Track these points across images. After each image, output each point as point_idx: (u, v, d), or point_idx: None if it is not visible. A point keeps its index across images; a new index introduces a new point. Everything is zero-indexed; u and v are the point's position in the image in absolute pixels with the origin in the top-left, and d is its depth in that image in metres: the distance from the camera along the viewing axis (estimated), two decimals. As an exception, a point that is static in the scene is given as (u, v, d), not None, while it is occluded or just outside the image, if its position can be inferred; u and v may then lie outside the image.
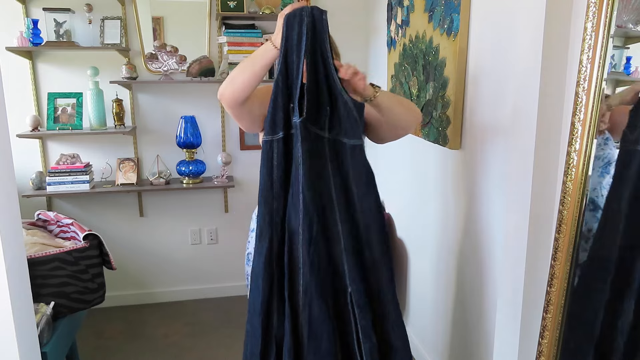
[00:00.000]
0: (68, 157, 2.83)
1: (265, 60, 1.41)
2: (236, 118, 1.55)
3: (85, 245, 2.10)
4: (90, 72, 2.74)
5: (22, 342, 1.49)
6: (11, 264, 1.45)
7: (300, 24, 1.36)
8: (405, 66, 2.40)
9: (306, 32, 1.35)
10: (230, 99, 1.46)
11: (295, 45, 1.37)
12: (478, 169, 1.86)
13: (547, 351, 1.34)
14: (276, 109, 1.42)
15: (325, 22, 1.38)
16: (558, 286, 1.28)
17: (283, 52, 1.39)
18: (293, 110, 1.40)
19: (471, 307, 1.96)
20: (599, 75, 1.13)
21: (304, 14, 1.36)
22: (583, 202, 1.21)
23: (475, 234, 1.90)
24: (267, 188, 1.45)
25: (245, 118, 1.54)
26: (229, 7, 2.81)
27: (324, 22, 1.38)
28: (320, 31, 1.38)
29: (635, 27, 1.19)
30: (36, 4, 2.73)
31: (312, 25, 1.37)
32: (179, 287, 3.22)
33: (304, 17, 1.35)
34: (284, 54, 1.39)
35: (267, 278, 1.45)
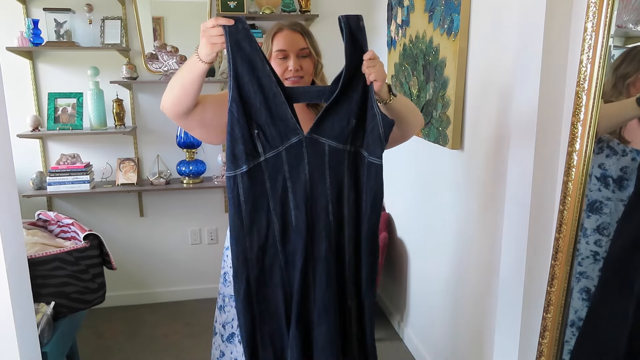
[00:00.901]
0: (68, 157, 2.83)
1: (194, 74, 1.32)
2: (186, 129, 1.47)
3: (85, 245, 2.10)
4: (90, 72, 2.74)
5: (22, 342, 1.49)
6: (11, 264, 1.45)
7: (250, 41, 1.29)
8: (405, 66, 2.40)
9: (346, 45, 1.33)
10: (171, 111, 1.37)
11: (250, 69, 1.28)
12: (478, 169, 1.86)
13: (547, 351, 1.34)
14: (234, 142, 1.28)
15: (364, 29, 1.34)
16: (558, 286, 1.28)
17: (233, 75, 1.27)
18: (259, 135, 1.30)
19: (471, 307, 1.96)
20: (599, 75, 1.13)
21: (245, 28, 1.28)
22: (583, 202, 1.22)
23: (475, 234, 1.90)
24: (237, 226, 1.34)
25: (195, 128, 1.44)
26: (229, 7, 2.81)
27: (363, 31, 1.33)
28: (361, 42, 1.33)
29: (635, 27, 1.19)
30: (36, 4, 2.73)
31: (351, 38, 1.32)
32: (179, 287, 3.22)
33: (246, 31, 1.29)
34: (235, 77, 1.28)
35: (249, 317, 1.40)
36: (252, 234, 1.36)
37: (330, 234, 1.38)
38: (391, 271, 2.88)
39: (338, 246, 1.40)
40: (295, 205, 1.35)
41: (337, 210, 1.38)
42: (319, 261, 1.37)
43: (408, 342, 2.65)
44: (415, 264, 2.55)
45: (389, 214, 2.88)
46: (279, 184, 1.34)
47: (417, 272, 2.53)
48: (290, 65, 1.46)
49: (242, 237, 1.36)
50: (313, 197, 1.36)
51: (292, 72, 1.46)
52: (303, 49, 1.49)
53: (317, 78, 1.54)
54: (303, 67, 1.48)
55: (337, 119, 1.34)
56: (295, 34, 1.49)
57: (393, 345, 2.68)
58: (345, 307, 1.43)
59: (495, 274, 1.75)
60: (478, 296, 1.90)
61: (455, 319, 2.11)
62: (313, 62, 1.51)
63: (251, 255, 1.37)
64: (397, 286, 2.80)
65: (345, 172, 1.37)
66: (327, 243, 1.37)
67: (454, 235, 2.08)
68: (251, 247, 1.37)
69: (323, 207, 1.37)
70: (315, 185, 1.35)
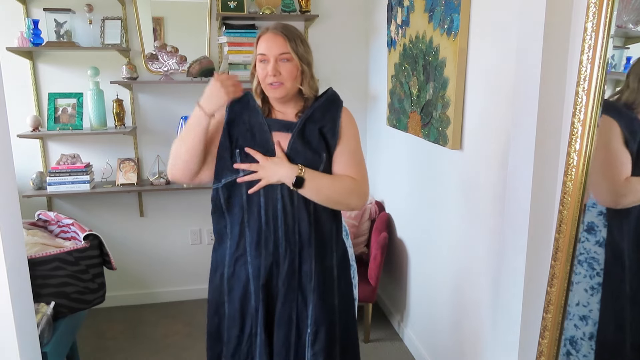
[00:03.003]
0: (68, 157, 2.83)
1: (199, 131, 1.45)
2: (199, 183, 1.59)
3: (85, 246, 2.11)
4: (90, 73, 2.74)
5: (22, 342, 1.49)
6: (12, 264, 1.45)
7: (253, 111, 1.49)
8: (405, 66, 2.40)
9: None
10: (185, 177, 1.52)
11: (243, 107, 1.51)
12: (478, 169, 1.86)
13: (547, 351, 1.34)
14: (218, 160, 1.51)
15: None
16: (558, 286, 1.28)
17: (228, 110, 1.50)
18: (240, 155, 1.47)
19: (471, 307, 1.96)
20: (599, 75, 1.13)
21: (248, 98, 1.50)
22: (583, 202, 1.22)
23: (475, 234, 1.90)
24: (220, 231, 1.60)
25: (208, 177, 1.56)
26: (229, 7, 2.81)
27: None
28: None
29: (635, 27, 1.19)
30: (37, 4, 2.73)
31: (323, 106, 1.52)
32: (179, 287, 3.22)
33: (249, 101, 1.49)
34: (229, 111, 1.50)
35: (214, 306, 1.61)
36: (232, 239, 1.53)
37: (294, 254, 1.48)
38: (391, 271, 2.88)
39: (301, 268, 1.50)
40: (266, 221, 1.46)
41: (304, 231, 1.48)
42: (280, 279, 1.49)
43: (408, 342, 2.65)
44: (415, 264, 2.55)
45: (389, 214, 2.88)
46: (254, 199, 1.47)
47: (417, 272, 2.53)
48: (269, 70, 1.41)
49: (225, 239, 1.55)
50: (282, 216, 1.46)
51: (271, 77, 1.41)
52: (283, 53, 1.41)
53: (305, 85, 1.47)
54: (282, 73, 1.42)
55: (309, 151, 1.45)
56: (277, 37, 1.42)
57: (393, 345, 2.68)
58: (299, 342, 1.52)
59: (495, 273, 1.75)
60: (478, 296, 1.90)
61: (455, 319, 2.11)
62: (296, 67, 1.43)
63: (228, 258, 1.54)
64: (397, 286, 2.80)
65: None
66: (290, 263, 1.48)
67: (454, 235, 2.08)
68: (230, 247, 1.53)
69: (290, 227, 1.47)
70: (285, 205, 1.45)
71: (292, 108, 1.51)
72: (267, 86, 1.44)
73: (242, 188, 1.48)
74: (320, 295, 1.50)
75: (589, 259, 1.26)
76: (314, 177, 1.44)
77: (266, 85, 1.44)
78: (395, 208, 2.82)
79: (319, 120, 1.48)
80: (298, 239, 1.48)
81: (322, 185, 1.45)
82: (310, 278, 1.49)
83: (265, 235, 1.47)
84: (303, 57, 1.44)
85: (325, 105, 1.50)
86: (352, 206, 1.52)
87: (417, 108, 2.27)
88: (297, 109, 1.51)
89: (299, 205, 1.46)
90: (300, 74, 1.45)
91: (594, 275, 1.27)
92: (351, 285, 1.64)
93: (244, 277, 1.51)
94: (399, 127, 2.55)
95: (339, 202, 1.49)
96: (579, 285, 1.28)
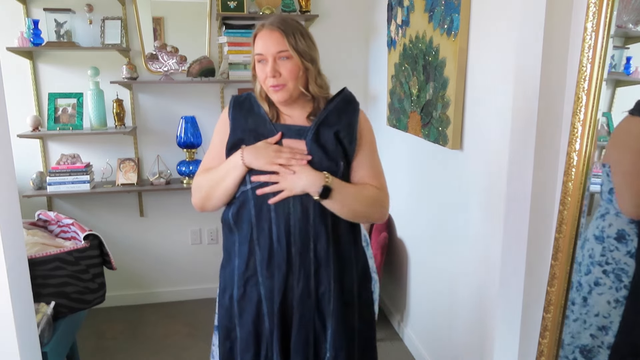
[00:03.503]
0: (68, 157, 2.83)
1: (234, 178, 1.33)
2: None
3: (85, 245, 2.10)
4: (90, 73, 2.74)
5: (22, 342, 1.49)
6: (12, 264, 1.45)
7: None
8: (405, 66, 2.40)
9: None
10: (215, 208, 1.42)
11: (247, 113, 1.39)
12: (478, 169, 1.86)
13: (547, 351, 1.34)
14: None
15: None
16: (558, 286, 1.28)
17: (231, 118, 1.40)
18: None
19: (471, 307, 1.96)
20: (599, 76, 1.13)
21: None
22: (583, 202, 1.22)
23: (475, 234, 1.90)
24: (228, 248, 1.45)
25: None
26: (229, 7, 2.81)
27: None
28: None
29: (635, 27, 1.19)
30: (37, 4, 2.73)
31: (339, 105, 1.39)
32: (179, 287, 3.22)
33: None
34: (232, 118, 1.40)
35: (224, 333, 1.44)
36: (240, 258, 1.38)
37: (309, 274, 1.33)
38: (391, 271, 2.88)
39: (318, 288, 1.35)
40: (277, 238, 1.31)
41: (320, 249, 1.33)
42: (295, 300, 1.34)
43: (408, 342, 2.65)
44: (415, 264, 2.55)
45: (389, 214, 2.88)
46: (264, 214, 1.32)
47: (417, 272, 2.53)
48: (268, 71, 1.28)
49: (233, 257, 1.40)
50: (295, 232, 1.31)
51: (270, 78, 1.28)
52: (282, 51, 1.27)
53: (311, 85, 1.33)
54: (283, 73, 1.28)
55: (325, 158, 1.32)
56: (273, 34, 1.27)
57: (393, 345, 2.68)
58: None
59: (495, 273, 1.75)
60: (478, 296, 1.90)
61: (455, 319, 2.11)
62: (297, 65, 1.28)
63: (237, 279, 1.39)
64: (397, 286, 2.80)
65: (329, 211, 1.32)
66: (305, 283, 1.33)
67: (454, 235, 2.08)
68: (239, 267, 1.38)
69: (305, 244, 1.32)
70: (298, 220, 1.30)
71: (300, 110, 1.37)
72: (269, 89, 1.31)
73: (250, 202, 1.33)
74: (340, 319, 1.36)
75: (617, 270, 1.18)
76: (341, 187, 1.31)
77: (268, 88, 1.31)
78: (395, 208, 2.82)
79: (335, 123, 1.34)
80: (313, 257, 1.33)
81: (349, 195, 1.32)
82: (329, 301, 1.35)
83: (277, 253, 1.32)
84: (305, 53, 1.29)
85: (340, 107, 1.37)
86: (376, 218, 1.42)
87: (417, 108, 2.27)
88: (307, 111, 1.37)
89: (315, 220, 1.31)
90: (304, 73, 1.31)
91: (621, 288, 1.18)
92: (372, 303, 1.51)
93: (255, 298, 1.36)
94: (399, 127, 2.55)
95: (364, 215, 1.37)
96: (601, 297, 1.21)
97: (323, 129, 1.33)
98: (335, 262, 1.35)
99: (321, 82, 1.35)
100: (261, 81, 1.33)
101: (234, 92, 3.05)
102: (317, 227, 1.31)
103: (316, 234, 1.32)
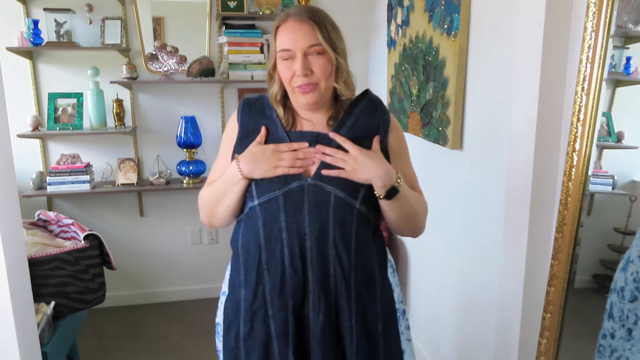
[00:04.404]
0: (68, 157, 2.83)
1: (236, 194, 1.17)
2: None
3: (85, 245, 2.11)
4: (90, 72, 2.74)
5: (22, 341, 1.49)
6: (12, 264, 1.45)
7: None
8: (405, 66, 2.40)
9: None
10: (224, 225, 1.26)
11: (258, 117, 1.20)
12: (478, 169, 1.86)
13: (547, 351, 1.34)
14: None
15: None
16: (558, 286, 1.28)
17: (240, 123, 1.22)
18: (255, 179, 1.18)
19: (471, 307, 1.96)
20: (599, 75, 1.14)
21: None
22: (583, 202, 1.22)
23: (475, 234, 1.90)
24: (234, 273, 1.25)
25: None
26: (229, 7, 2.81)
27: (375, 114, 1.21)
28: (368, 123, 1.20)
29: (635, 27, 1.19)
30: (37, 4, 2.73)
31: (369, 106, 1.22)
32: (179, 287, 3.22)
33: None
34: (241, 124, 1.22)
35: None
36: (246, 287, 1.19)
37: (330, 305, 1.14)
38: (391, 271, 2.88)
39: (339, 322, 1.15)
40: (290, 262, 1.12)
41: (341, 275, 1.13)
42: (314, 338, 1.14)
43: (408, 342, 2.65)
44: (415, 264, 2.55)
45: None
46: (274, 235, 1.13)
47: (418, 273, 2.53)
48: (297, 69, 1.10)
49: (238, 287, 1.21)
50: (312, 255, 1.12)
51: (300, 77, 1.11)
52: (314, 45, 1.10)
53: (340, 83, 1.16)
54: (315, 71, 1.11)
55: None
56: (302, 25, 1.10)
57: (393, 345, 2.68)
58: None
59: (495, 273, 1.75)
60: (478, 296, 1.90)
61: (455, 319, 2.11)
62: (330, 62, 1.12)
63: (244, 312, 1.19)
64: (397, 286, 2.80)
65: (353, 231, 1.14)
66: (326, 316, 1.13)
67: (454, 235, 2.08)
68: (246, 299, 1.19)
69: (324, 270, 1.13)
70: (316, 241, 1.12)
71: (322, 114, 1.19)
72: (295, 90, 1.13)
73: (258, 220, 1.14)
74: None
75: None
76: (405, 190, 1.16)
77: (293, 89, 1.13)
78: (395, 208, 2.82)
79: (363, 129, 1.18)
80: (334, 285, 1.13)
81: (410, 202, 1.18)
82: (352, 339, 1.15)
83: (290, 280, 1.12)
84: (338, 47, 1.13)
85: (368, 110, 1.20)
86: (422, 229, 1.29)
87: (417, 108, 2.27)
88: (328, 114, 1.19)
89: (336, 239, 1.12)
90: (336, 70, 1.14)
91: None
92: (399, 339, 1.29)
93: (264, 335, 1.16)
94: (399, 127, 2.55)
95: (414, 223, 1.24)
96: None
97: (349, 136, 1.15)
98: (357, 289, 1.15)
99: (350, 82, 1.18)
100: (286, 81, 1.14)
101: (234, 92, 3.05)
102: (338, 248, 1.12)
103: (338, 256, 1.12)
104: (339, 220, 1.13)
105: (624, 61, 1.26)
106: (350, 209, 1.14)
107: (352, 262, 1.14)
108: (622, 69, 1.27)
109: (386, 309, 1.24)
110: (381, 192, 1.12)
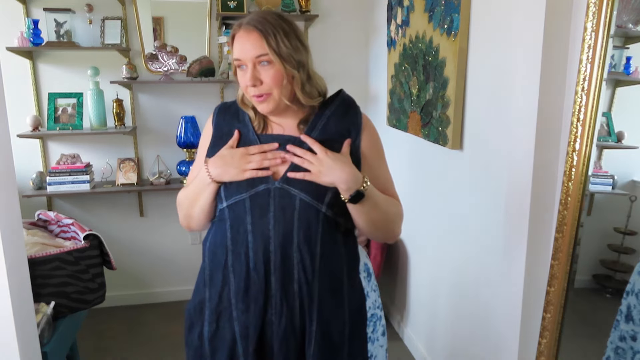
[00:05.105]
0: (68, 157, 2.83)
1: (207, 197, 1.19)
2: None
3: (85, 245, 2.10)
4: (90, 72, 2.74)
5: (22, 341, 1.49)
6: (12, 264, 1.45)
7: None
8: (405, 66, 2.40)
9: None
10: (201, 228, 1.28)
11: (231, 120, 1.21)
12: (478, 169, 1.86)
13: (547, 351, 1.34)
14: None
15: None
16: (558, 286, 1.28)
17: (214, 128, 1.24)
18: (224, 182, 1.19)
19: (471, 307, 1.96)
20: (599, 75, 1.14)
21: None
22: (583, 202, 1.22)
23: (475, 234, 1.90)
24: (200, 275, 1.26)
25: None
26: (229, 7, 2.81)
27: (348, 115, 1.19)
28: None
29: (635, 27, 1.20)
30: (37, 4, 2.73)
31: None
32: (179, 287, 3.22)
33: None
34: (216, 127, 1.24)
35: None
36: (211, 289, 1.20)
37: (294, 309, 1.14)
38: (391, 271, 2.88)
39: (303, 326, 1.15)
40: (254, 265, 1.13)
41: (304, 280, 1.13)
42: (276, 342, 1.15)
43: (408, 342, 2.65)
44: (415, 264, 2.55)
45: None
46: (240, 237, 1.14)
47: (417, 272, 2.53)
48: (247, 80, 1.09)
49: (202, 288, 1.22)
50: (276, 259, 1.12)
51: (250, 88, 1.10)
52: (261, 55, 1.07)
53: (299, 92, 1.12)
54: (265, 81, 1.09)
55: None
56: (250, 35, 1.07)
57: (393, 345, 2.68)
58: None
59: (495, 273, 1.75)
60: (478, 296, 1.90)
61: (455, 319, 2.11)
62: (279, 72, 1.08)
63: (209, 312, 1.20)
64: (397, 286, 2.80)
65: (318, 235, 1.13)
66: (288, 320, 1.14)
67: (454, 235, 2.08)
68: (211, 299, 1.19)
69: (287, 274, 1.13)
70: (280, 244, 1.12)
71: (291, 118, 1.18)
72: (251, 98, 1.13)
73: (225, 222, 1.16)
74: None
75: None
76: (374, 195, 1.14)
77: (250, 97, 1.13)
78: (395, 208, 2.82)
79: (333, 132, 1.16)
80: (298, 289, 1.13)
81: (379, 206, 1.16)
82: (310, 343, 1.15)
83: (254, 283, 1.13)
84: (288, 57, 1.08)
85: (339, 113, 1.19)
86: (396, 235, 1.27)
87: (417, 108, 2.27)
88: (299, 117, 1.18)
89: (300, 244, 1.12)
90: (291, 79, 1.11)
91: None
92: (365, 345, 1.29)
93: (229, 336, 1.17)
94: (399, 127, 2.55)
95: (386, 229, 1.23)
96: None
97: (321, 138, 1.15)
98: (321, 295, 1.15)
99: (311, 90, 1.14)
100: (243, 89, 1.15)
101: (234, 92, 3.04)
102: (302, 253, 1.12)
103: (302, 260, 1.12)
104: (304, 224, 1.12)
105: (624, 61, 1.27)
106: (316, 212, 1.13)
107: (316, 267, 1.13)
108: (622, 69, 1.27)
109: (355, 315, 1.23)
110: (346, 196, 1.11)
